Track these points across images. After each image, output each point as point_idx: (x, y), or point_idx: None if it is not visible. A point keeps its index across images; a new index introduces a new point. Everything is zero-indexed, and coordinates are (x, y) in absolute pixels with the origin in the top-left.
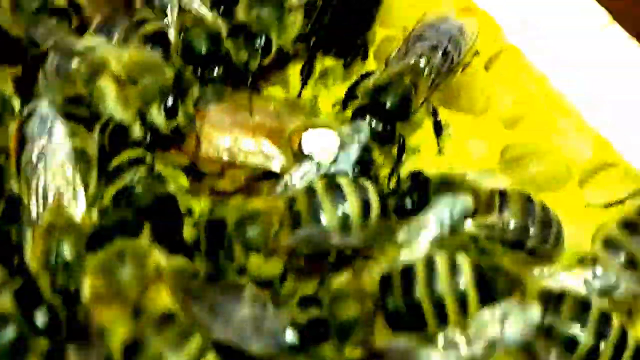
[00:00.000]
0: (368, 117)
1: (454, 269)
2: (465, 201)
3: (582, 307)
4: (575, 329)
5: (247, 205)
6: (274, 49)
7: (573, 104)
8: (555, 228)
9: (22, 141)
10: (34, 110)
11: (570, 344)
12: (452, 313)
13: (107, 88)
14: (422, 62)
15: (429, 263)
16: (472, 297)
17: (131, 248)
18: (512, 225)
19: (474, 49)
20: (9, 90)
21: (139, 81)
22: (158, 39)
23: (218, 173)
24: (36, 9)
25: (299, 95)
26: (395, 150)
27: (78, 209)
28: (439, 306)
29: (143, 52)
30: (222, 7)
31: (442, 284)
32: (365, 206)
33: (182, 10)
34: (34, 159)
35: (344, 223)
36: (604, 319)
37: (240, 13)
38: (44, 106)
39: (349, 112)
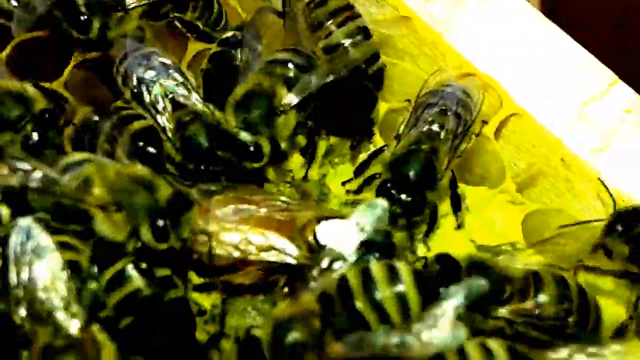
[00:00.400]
0: (394, 192)
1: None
2: (481, 285)
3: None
4: None
5: (280, 313)
6: (266, 154)
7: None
8: (594, 314)
9: (5, 259)
10: (17, 226)
11: None
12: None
13: (92, 212)
14: (435, 127)
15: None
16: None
17: None
18: (548, 312)
19: (482, 107)
20: None
21: (125, 205)
22: (147, 136)
23: (230, 268)
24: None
25: (305, 177)
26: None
27: (75, 325)
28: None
29: (132, 168)
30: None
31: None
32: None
33: (177, 105)
34: (23, 276)
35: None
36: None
37: (229, 117)
38: (25, 222)
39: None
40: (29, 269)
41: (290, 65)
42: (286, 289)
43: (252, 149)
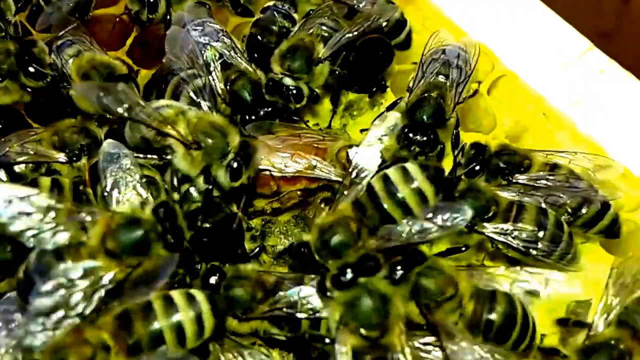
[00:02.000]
0: (412, 135)
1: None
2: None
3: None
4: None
5: (323, 221)
6: (305, 96)
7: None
8: (564, 244)
9: (95, 172)
10: (104, 147)
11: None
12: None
13: (175, 146)
14: (441, 77)
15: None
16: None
17: None
18: (523, 234)
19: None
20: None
21: (204, 145)
22: (206, 91)
23: (273, 193)
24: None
25: (329, 125)
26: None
27: None
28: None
29: (210, 115)
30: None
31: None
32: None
33: (225, 64)
34: (108, 186)
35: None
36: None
37: (275, 65)
38: (111, 143)
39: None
40: (113, 181)
41: (324, 27)
42: (323, 204)
43: (294, 91)
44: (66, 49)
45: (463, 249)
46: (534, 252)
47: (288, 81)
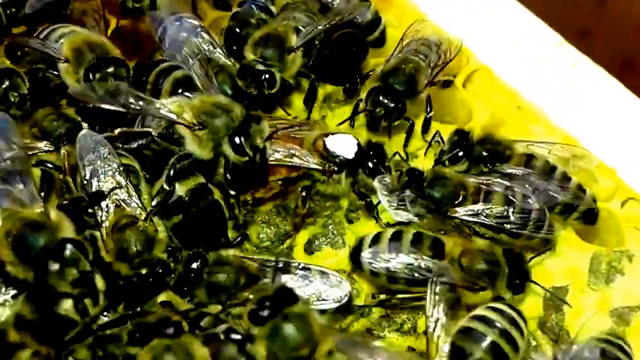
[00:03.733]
0: (380, 97)
1: None
2: None
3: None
4: None
5: None
6: (277, 83)
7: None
8: (535, 213)
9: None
10: (81, 136)
11: None
12: None
13: (183, 132)
14: (419, 55)
15: None
16: None
17: (177, 344)
18: (494, 211)
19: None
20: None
21: (209, 124)
22: (186, 83)
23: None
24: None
25: (308, 117)
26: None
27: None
28: None
29: (213, 96)
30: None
31: None
32: None
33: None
34: (87, 175)
35: None
36: None
37: (248, 53)
38: (88, 130)
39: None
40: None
41: (298, 20)
42: (304, 193)
43: (267, 76)
44: (51, 35)
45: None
46: (508, 226)
47: (260, 67)
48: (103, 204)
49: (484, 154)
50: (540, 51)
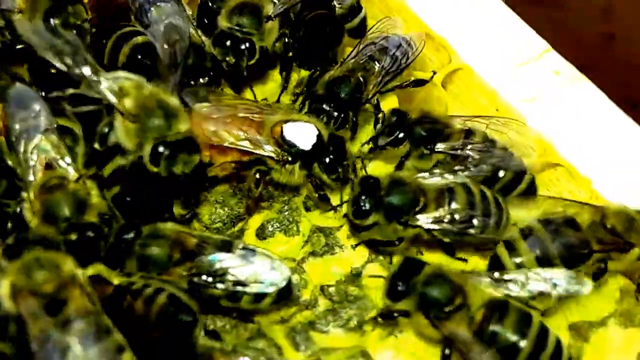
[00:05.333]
0: (324, 105)
1: None
2: None
3: (524, 319)
4: (517, 339)
5: None
6: (257, 52)
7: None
8: (495, 214)
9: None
10: (12, 92)
11: (511, 351)
12: None
13: (116, 115)
14: (372, 62)
15: None
16: None
17: (47, 257)
18: (456, 216)
19: (418, 56)
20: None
21: (142, 120)
22: (145, 50)
23: (206, 164)
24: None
25: (278, 100)
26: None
27: (68, 170)
28: None
29: (166, 95)
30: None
31: None
32: None
33: (169, 26)
34: (16, 132)
35: None
36: (542, 331)
37: (222, 21)
38: (21, 86)
39: None
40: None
41: None
42: (257, 175)
43: (247, 44)
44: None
45: (397, 242)
46: (472, 231)
47: (239, 35)
48: (31, 162)
49: (423, 133)
50: (525, 55)
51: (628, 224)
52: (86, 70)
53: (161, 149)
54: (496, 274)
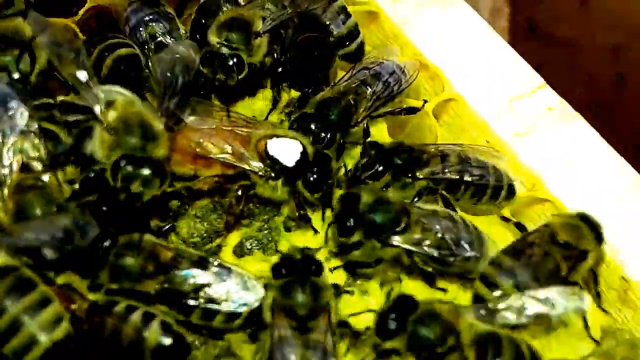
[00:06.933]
0: (312, 125)
1: None
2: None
3: (518, 350)
4: None
5: None
6: (245, 67)
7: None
8: (476, 247)
9: None
10: None
11: None
12: None
13: (95, 125)
14: (364, 86)
15: None
16: None
17: None
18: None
19: (412, 84)
20: None
21: (119, 134)
22: (129, 62)
23: (191, 176)
24: None
25: (266, 119)
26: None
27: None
28: None
29: (151, 116)
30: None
31: None
32: None
33: (159, 44)
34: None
35: None
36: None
37: (212, 36)
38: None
39: None
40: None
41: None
42: (240, 192)
43: (235, 60)
44: None
45: (373, 264)
46: (452, 259)
47: (226, 51)
48: (6, 161)
49: (402, 163)
50: (519, 89)
51: (577, 233)
52: (81, 75)
53: (122, 162)
54: (490, 305)
